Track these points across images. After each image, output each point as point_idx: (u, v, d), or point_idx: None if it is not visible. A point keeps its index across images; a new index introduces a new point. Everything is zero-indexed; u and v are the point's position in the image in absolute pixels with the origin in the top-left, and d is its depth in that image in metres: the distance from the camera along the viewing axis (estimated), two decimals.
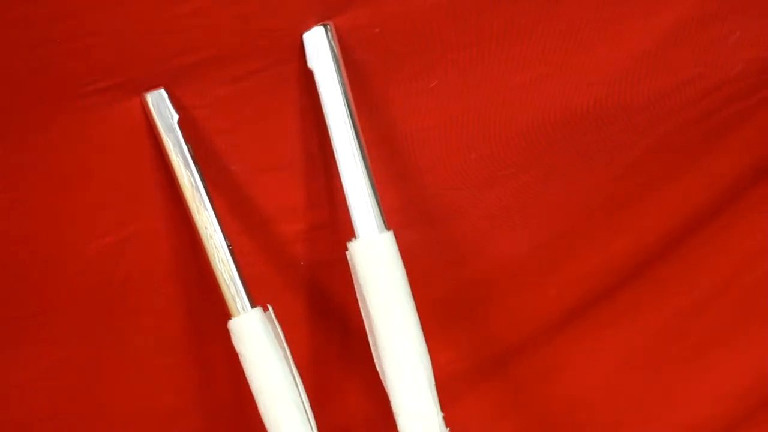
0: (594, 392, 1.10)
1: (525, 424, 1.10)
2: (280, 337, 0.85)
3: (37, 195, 0.86)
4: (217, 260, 0.85)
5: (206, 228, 0.85)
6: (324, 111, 0.84)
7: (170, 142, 0.85)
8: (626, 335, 1.07)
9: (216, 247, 0.85)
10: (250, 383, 0.85)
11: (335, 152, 0.84)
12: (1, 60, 0.79)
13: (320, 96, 0.84)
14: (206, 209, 0.85)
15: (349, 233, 0.84)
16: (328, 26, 0.84)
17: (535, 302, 1.03)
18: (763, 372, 1.12)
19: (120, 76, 0.82)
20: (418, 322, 0.83)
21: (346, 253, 0.84)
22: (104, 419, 0.98)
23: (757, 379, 1.12)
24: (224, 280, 0.85)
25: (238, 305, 0.85)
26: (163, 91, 0.84)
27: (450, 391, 0.92)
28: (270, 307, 0.85)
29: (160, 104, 0.84)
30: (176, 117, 0.84)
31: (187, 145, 0.85)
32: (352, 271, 0.84)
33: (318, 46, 0.84)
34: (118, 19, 0.80)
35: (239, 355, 0.85)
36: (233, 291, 0.85)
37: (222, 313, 0.86)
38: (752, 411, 1.13)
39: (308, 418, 0.84)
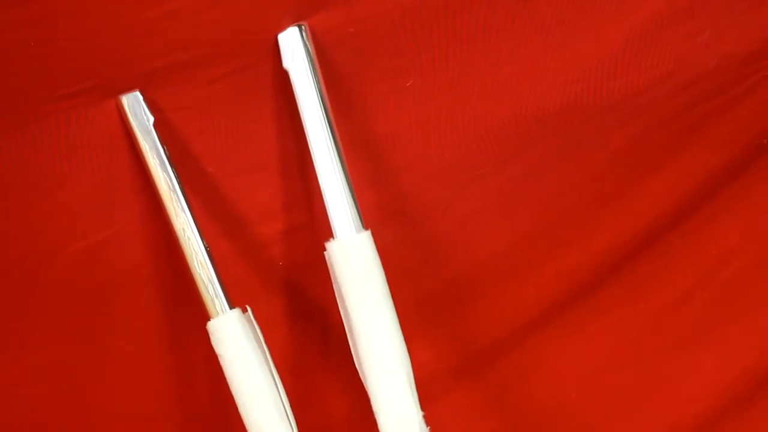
0: (574, 390, 1.10)
1: (505, 422, 1.10)
2: (259, 338, 0.85)
3: (14, 198, 0.86)
4: (195, 262, 0.85)
5: (184, 230, 0.85)
6: (300, 111, 0.84)
7: (146, 145, 0.85)
8: (606, 333, 1.07)
9: (194, 249, 0.85)
10: (229, 384, 0.85)
11: (312, 152, 0.84)
12: None
13: (296, 96, 0.84)
14: (183, 211, 0.85)
15: (327, 233, 0.84)
16: (303, 27, 0.84)
17: (515, 300, 1.03)
18: (743, 368, 1.12)
19: (95, 79, 0.82)
20: (397, 321, 0.83)
21: (324, 253, 0.84)
22: (83, 422, 0.97)
23: (737, 375, 1.12)
24: (202, 281, 0.85)
25: (217, 307, 0.85)
26: (138, 94, 0.84)
27: (430, 390, 0.92)
28: (249, 309, 0.85)
29: (135, 107, 0.84)
30: (152, 119, 0.84)
31: (163, 147, 0.84)
32: (330, 272, 0.84)
33: (293, 47, 0.84)
34: (92, 22, 0.80)
35: (218, 357, 0.85)
36: (212, 292, 0.85)
37: (201, 315, 0.86)
38: (732, 407, 1.13)
39: (288, 419, 0.84)
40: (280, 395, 0.84)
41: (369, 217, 0.86)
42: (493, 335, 1.05)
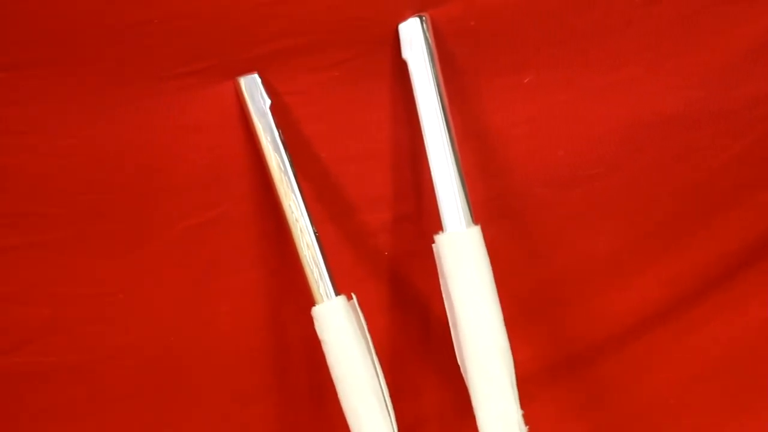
0: (670, 398, 1.08)
1: (601, 425, 1.09)
2: (363, 326, 0.85)
3: (126, 173, 0.87)
4: (302, 245, 0.86)
5: (293, 212, 0.86)
6: (416, 102, 0.84)
7: (261, 127, 0.85)
8: (707, 342, 1.06)
9: (302, 232, 0.86)
10: (331, 370, 0.85)
11: (426, 144, 0.84)
12: (98, 39, 0.80)
13: (413, 87, 0.84)
14: (294, 194, 0.85)
15: (435, 225, 0.84)
16: (424, 18, 0.84)
17: (617, 304, 1.02)
18: None
19: (214, 59, 0.83)
20: (502, 318, 0.83)
21: (432, 245, 0.84)
22: (180, 397, 0.98)
23: None
24: (309, 265, 0.85)
25: (322, 291, 0.85)
26: (256, 76, 0.84)
27: (527, 389, 0.92)
28: (354, 296, 0.85)
29: (253, 89, 0.84)
30: (269, 102, 0.84)
31: (278, 130, 0.85)
32: (437, 264, 0.83)
33: (413, 37, 0.84)
34: (214, 2, 0.80)
35: (322, 342, 0.85)
36: (317, 276, 0.85)
37: (303, 300, 0.87)
38: None
39: (387, 408, 0.84)
40: (380, 384, 0.84)
41: (477, 211, 0.85)
42: (592, 338, 1.04)
